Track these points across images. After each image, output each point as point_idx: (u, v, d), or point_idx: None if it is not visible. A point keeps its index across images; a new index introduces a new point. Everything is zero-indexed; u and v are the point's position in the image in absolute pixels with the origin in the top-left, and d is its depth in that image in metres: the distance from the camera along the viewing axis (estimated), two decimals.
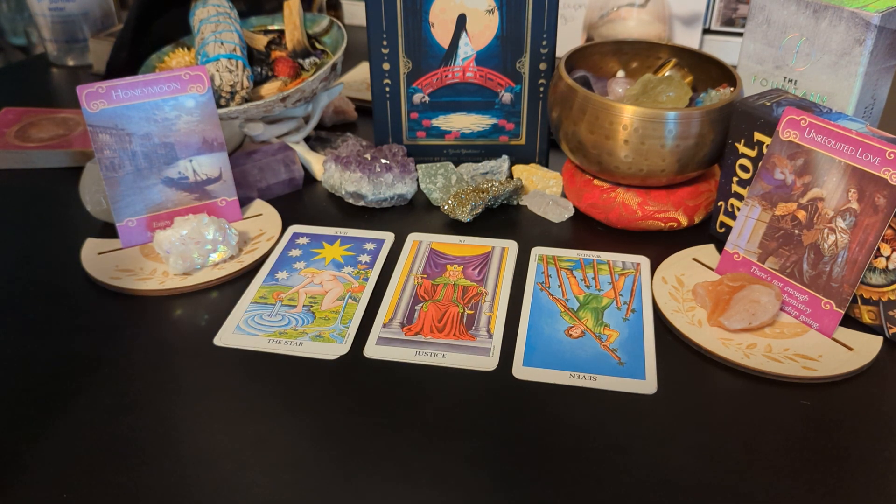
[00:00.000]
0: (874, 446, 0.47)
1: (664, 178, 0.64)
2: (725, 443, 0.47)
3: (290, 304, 0.59)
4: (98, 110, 0.61)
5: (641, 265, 0.64)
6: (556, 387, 0.51)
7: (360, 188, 0.71)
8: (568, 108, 0.65)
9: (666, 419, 0.49)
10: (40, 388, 0.52)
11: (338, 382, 0.52)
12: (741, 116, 0.61)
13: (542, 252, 0.65)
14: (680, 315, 0.57)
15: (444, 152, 0.79)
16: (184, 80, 0.64)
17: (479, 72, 0.74)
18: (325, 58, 0.77)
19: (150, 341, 0.56)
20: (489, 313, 0.58)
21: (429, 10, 0.71)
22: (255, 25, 0.82)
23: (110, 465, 0.46)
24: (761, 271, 0.59)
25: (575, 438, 0.47)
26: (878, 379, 0.52)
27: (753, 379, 0.52)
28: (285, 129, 0.77)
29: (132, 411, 0.50)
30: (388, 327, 0.57)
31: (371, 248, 0.66)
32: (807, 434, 0.48)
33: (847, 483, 0.45)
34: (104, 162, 0.63)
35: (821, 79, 0.68)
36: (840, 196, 0.54)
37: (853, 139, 0.53)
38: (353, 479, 0.45)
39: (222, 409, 0.50)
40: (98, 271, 0.62)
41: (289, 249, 0.66)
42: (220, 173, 0.67)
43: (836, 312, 0.54)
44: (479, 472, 0.45)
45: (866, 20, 0.63)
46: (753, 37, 0.72)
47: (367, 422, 0.49)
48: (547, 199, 0.71)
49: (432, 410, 0.50)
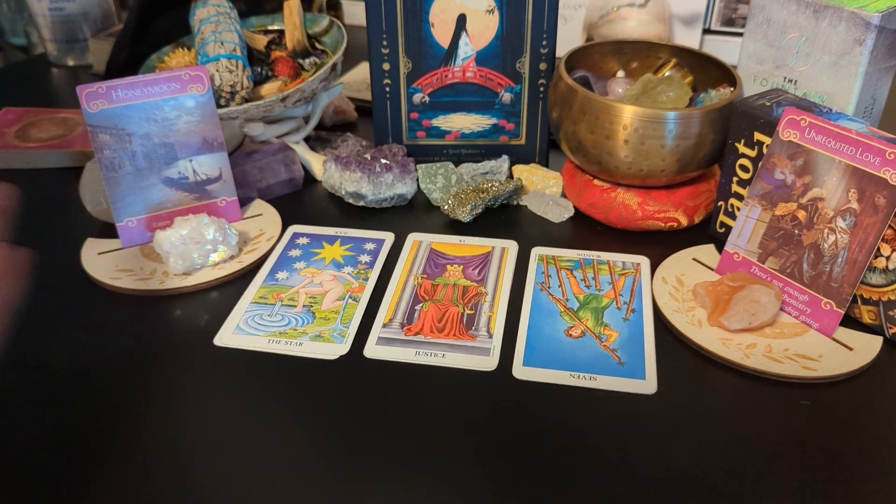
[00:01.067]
0: (874, 446, 0.47)
1: (664, 178, 0.64)
2: (725, 443, 0.47)
3: (290, 304, 0.59)
4: (98, 110, 0.61)
5: (641, 265, 0.64)
6: (556, 387, 0.51)
7: (360, 188, 0.71)
8: (568, 108, 0.65)
9: (666, 419, 0.49)
10: (40, 389, 0.52)
11: (338, 382, 0.52)
12: (741, 116, 0.61)
13: (542, 252, 0.65)
14: (680, 315, 0.57)
15: (444, 152, 0.79)
16: (184, 80, 0.64)
17: (479, 72, 0.74)
18: (325, 58, 0.77)
19: (150, 341, 0.56)
20: (489, 313, 0.58)
21: (429, 10, 0.71)
22: (255, 25, 0.82)
23: (110, 464, 0.46)
24: (761, 271, 0.59)
25: (575, 438, 0.47)
26: (878, 379, 0.52)
27: (753, 379, 0.52)
28: (285, 129, 0.77)
29: (132, 411, 0.50)
30: (388, 327, 0.57)
31: (371, 248, 0.66)
32: (807, 434, 0.48)
33: (847, 483, 0.45)
34: (104, 162, 0.63)
35: (821, 79, 0.68)
36: (840, 196, 0.54)
37: (853, 139, 0.53)
38: (353, 479, 0.45)
39: (222, 409, 0.50)
40: (98, 271, 0.62)
41: (289, 249, 0.66)
42: (220, 173, 0.67)
43: (836, 312, 0.54)
44: (479, 471, 0.45)
45: (866, 20, 0.63)
46: (753, 37, 0.72)
47: (367, 422, 0.49)
48: (547, 199, 0.71)
49: (432, 410, 0.50)
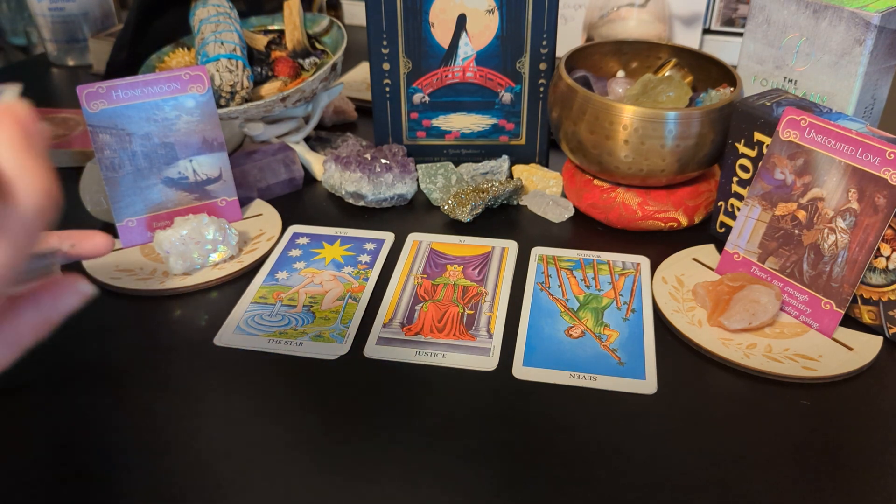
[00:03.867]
0: (874, 446, 0.47)
1: (664, 178, 0.64)
2: (725, 443, 0.47)
3: (290, 304, 0.59)
4: (98, 110, 0.61)
5: (641, 265, 0.63)
6: (556, 387, 0.51)
7: (360, 188, 0.71)
8: (568, 108, 0.65)
9: (666, 419, 0.49)
10: (39, 389, 0.52)
11: (338, 382, 0.52)
12: (741, 116, 0.61)
13: (542, 252, 0.65)
14: (680, 315, 0.57)
15: (444, 152, 0.79)
16: (184, 80, 0.64)
17: (479, 72, 0.74)
18: (325, 58, 0.77)
19: (150, 341, 0.56)
20: (489, 313, 0.58)
21: (429, 10, 0.71)
22: (255, 25, 0.82)
23: (109, 465, 0.46)
24: (761, 271, 0.58)
25: (575, 438, 0.47)
26: (878, 379, 0.52)
27: (753, 379, 0.52)
28: (285, 129, 0.77)
29: (132, 412, 0.50)
30: (388, 327, 0.57)
31: (371, 248, 0.66)
32: (807, 434, 0.48)
33: (847, 483, 0.45)
34: (104, 162, 0.63)
35: (821, 79, 0.68)
36: (840, 196, 0.54)
37: (853, 139, 0.53)
38: (353, 478, 0.45)
39: (222, 409, 0.50)
40: (98, 271, 0.62)
41: (289, 249, 0.66)
42: (220, 173, 0.67)
43: (836, 312, 0.54)
44: (479, 471, 0.45)
45: (866, 20, 0.63)
46: (753, 37, 0.72)
47: (367, 422, 0.49)
48: (547, 199, 0.71)
49: (432, 410, 0.50)
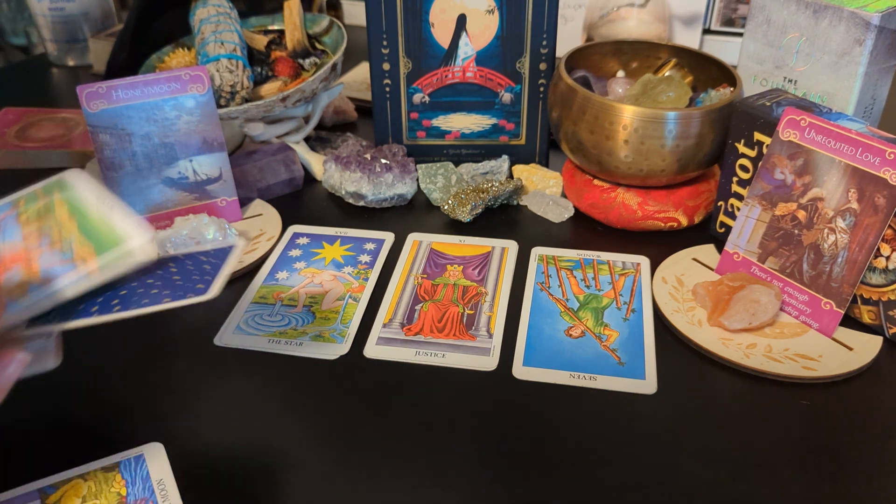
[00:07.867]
0: (874, 446, 0.47)
1: (664, 178, 0.64)
2: (725, 443, 0.47)
3: (290, 304, 0.59)
4: (98, 110, 0.61)
5: (641, 265, 0.63)
6: (556, 387, 0.51)
7: (360, 188, 0.71)
8: (568, 108, 0.65)
9: (666, 419, 0.49)
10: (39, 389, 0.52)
11: (338, 382, 0.52)
12: (741, 116, 0.61)
13: (542, 252, 0.65)
14: (680, 315, 0.57)
15: (444, 152, 0.79)
16: (184, 80, 0.64)
17: (479, 72, 0.74)
18: (325, 58, 0.77)
19: (150, 341, 0.56)
20: (489, 313, 0.58)
21: (429, 10, 0.71)
22: (255, 25, 0.82)
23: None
24: (761, 271, 0.58)
25: (575, 438, 0.47)
26: (878, 379, 0.52)
27: (753, 379, 0.52)
28: (285, 129, 0.77)
29: (132, 412, 0.50)
30: (388, 327, 0.57)
31: (371, 248, 0.66)
32: (807, 434, 0.48)
33: (847, 483, 0.45)
34: (104, 162, 0.63)
35: (821, 79, 0.68)
36: (840, 196, 0.54)
37: (853, 139, 0.53)
38: (353, 479, 0.45)
39: (222, 409, 0.50)
40: None
41: (289, 249, 0.66)
42: (220, 173, 0.67)
43: (836, 312, 0.54)
44: (479, 471, 0.45)
45: (866, 20, 0.63)
46: (753, 37, 0.72)
47: (367, 422, 0.49)
48: (547, 199, 0.71)
49: (432, 410, 0.50)
